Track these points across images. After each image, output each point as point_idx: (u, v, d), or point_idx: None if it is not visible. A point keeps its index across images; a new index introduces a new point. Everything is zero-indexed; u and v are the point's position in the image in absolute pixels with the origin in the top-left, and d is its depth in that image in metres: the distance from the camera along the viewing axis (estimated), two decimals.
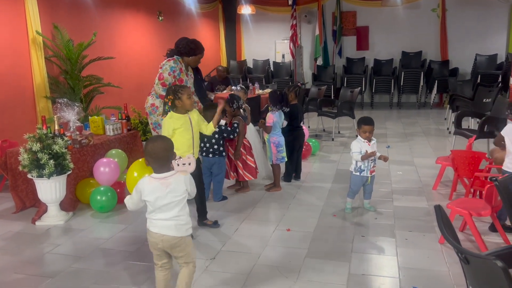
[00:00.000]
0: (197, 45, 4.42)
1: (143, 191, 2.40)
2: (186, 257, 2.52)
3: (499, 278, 1.47)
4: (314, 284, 2.89)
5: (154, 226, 2.45)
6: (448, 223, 1.87)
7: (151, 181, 2.40)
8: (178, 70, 4.36)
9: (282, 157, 4.81)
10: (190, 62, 4.46)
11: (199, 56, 4.46)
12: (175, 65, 4.34)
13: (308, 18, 11.66)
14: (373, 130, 3.99)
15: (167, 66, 4.32)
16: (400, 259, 3.19)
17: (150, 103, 4.47)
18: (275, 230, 3.78)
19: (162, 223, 2.43)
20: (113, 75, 6.95)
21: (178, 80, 4.35)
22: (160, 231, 2.43)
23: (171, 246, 2.46)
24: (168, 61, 4.36)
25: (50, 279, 3.02)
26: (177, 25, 9.54)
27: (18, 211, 4.30)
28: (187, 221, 2.48)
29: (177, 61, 4.37)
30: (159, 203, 2.39)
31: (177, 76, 4.35)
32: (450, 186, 4.57)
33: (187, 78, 4.48)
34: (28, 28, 5.57)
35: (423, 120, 9.16)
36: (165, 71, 4.31)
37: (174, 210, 2.42)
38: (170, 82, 4.30)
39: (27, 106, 5.63)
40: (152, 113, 4.46)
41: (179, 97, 3.41)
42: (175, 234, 2.43)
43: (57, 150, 3.85)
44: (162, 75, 4.31)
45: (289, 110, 4.89)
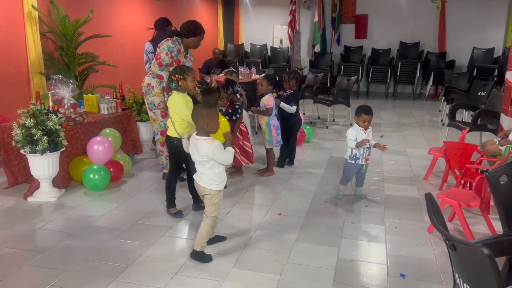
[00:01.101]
0: (196, 26, 4.35)
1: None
2: (207, 210, 2.98)
3: (485, 266, 1.50)
4: (303, 267, 2.93)
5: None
6: (438, 211, 1.90)
7: (191, 140, 2.93)
8: (176, 50, 4.31)
9: (279, 140, 4.84)
10: (190, 43, 4.38)
11: (199, 38, 4.37)
12: (173, 46, 4.28)
13: (307, 4, 11.56)
14: (371, 119, 4.00)
15: (165, 46, 4.27)
16: (388, 246, 3.24)
17: (146, 83, 4.43)
18: (266, 214, 3.82)
19: (197, 174, 2.97)
20: (109, 54, 6.89)
21: (176, 61, 4.30)
22: (195, 179, 2.97)
23: (201, 192, 2.99)
24: (166, 41, 4.31)
25: (41, 254, 3.04)
26: (175, 6, 9.44)
27: (10, 186, 4.29)
28: (213, 178, 2.89)
29: (175, 42, 4.32)
30: (192, 158, 2.92)
31: (174, 57, 4.30)
32: (441, 177, 4.62)
33: (185, 60, 4.43)
34: (24, 2, 5.47)
35: (418, 111, 9.19)
36: (162, 51, 4.26)
37: (200, 167, 2.91)
38: (167, 62, 4.26)
39: (21, 82, 5.57)
40: (148, 93, 4.42)
41: (185, 77, 3.49)
42: (200, 183, 2.94)
43: (50, 127, 3.83)
44: (159, 55, 4.27)
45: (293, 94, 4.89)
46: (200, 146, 2.82)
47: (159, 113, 4.44)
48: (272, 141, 4.77)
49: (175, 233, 3.43)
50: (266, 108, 4.70)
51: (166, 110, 4.39)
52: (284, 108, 4.86)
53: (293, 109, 4.88)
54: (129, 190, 4.37)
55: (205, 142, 2.82)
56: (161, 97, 4.39)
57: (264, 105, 4.72)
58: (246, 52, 11.66)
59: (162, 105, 4.40)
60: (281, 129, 4.95)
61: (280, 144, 4.91)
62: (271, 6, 11.88)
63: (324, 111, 8.10)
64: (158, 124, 4.48)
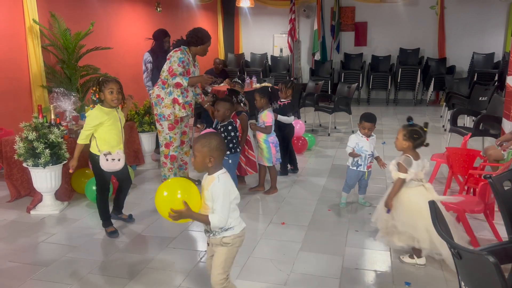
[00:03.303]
0: (204, 33, 4.36)
1: (231, 190, 2.23)
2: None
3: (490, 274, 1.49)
4: (307, 277, 2.91)
5: (242, 222, 2.34)
6: (442, 218, 1.89)
7: (226, 177, 2.23)
8: (186, 60, 4.30)
9: (279, 157, 4.62)
10: (199, 51, 4.38)
11: (207, 45, 4.37)
12: (183, 56, 4.27)
13: (307, 13, 11.63)
14: (374, 127, 3.99)
15: (176, 58, 4.24)
16: (393, 254, 3.22)
17: (156, 94, 4.38)
18: (269, 223, 3.80)
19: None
20: (110, 66, 6.92)
21: (186, 71, 4.30)
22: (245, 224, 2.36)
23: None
24: (175, 52, 4.28)
25: (44, 268, 3.03)
26: (175, 17, 9.50)
27: (12, 199, 4.29)
28: None
29: (184, 52, 4.30)
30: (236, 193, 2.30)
31: (186, 66, 4.29)
32: (444, 183, 4.60)
33: (194, 69, 4.44)
34: (25, 17, 5.52)
35: (419, 117, 9.17)
36: (174, 63, 4.23)
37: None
38: (181, 72, 4.24)
39: (23, 95, 5.59)
40: (157, 104, 4.37)
41: (102, 89, 3.33)
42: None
43: (53, 140, 3.84)
44: (171, 68, 4.23)
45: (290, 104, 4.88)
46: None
47: (166, 125, 4.39)
48: (271, 159, 4.49)
49: (179, 244, 3.41)
50: (265, 125, 4.46)
51: (174, 122, 4.39)
52: (282, 121, 4.83)
53: (291, 120, 4.89)
54: (131, 201, 4.36)
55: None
56: (171, 108, 4.32)
57: (263, 122, 4.47)
58: (246, 62, 11.71)
59: (172, 117, 4.35)
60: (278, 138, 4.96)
61: (280, 162, 4.74)
62: (271, 15, 11.95)
63: (325, 118, 8.10)
64: (163, 136, 4.46)
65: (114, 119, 3.42)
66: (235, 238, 2.29)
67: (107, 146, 3.41)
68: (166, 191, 2.18)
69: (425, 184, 3.09)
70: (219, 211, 2.16)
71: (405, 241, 2.98)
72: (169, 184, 2.27)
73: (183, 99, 4.35)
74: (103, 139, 3.40)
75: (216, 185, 2.18)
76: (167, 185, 2.23)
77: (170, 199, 2.14)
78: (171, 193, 2.17)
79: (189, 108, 4.45)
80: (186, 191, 2.17)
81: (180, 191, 2.16)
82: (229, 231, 2.27)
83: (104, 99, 3.35)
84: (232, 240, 2.29)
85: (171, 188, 2.21)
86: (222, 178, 2.21)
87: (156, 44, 5.71)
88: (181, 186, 2.21)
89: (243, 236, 2.35)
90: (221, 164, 2.27)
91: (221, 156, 2.24)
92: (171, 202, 2.13)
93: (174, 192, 2.17)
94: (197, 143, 2.22)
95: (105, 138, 3.40)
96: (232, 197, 2.23)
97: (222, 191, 2.17)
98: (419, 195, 2.99)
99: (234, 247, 2.31)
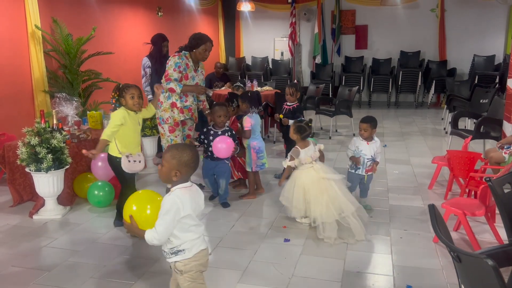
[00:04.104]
0: (199, 36, 4.36)
1: (183, 207, 2.04)
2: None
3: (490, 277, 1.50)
4: (309, 280, 2.91)
5: (202, 243, 2.18)
6: (442, 222, 1.90)
7: (185, 192, 2.09)
8: (184, 65, 4.32)
9: (262, 163, 4.45)
10: (197, 55, 4.38)
11: (203, 48, 4.34)
12: (180, 61, 4.29)
13: (307, 16, 11.66)
14: (370, 128, 3.96)
15: (172, 63, 4.29)
16: (394, 257, 3.23)
17: None
18: (271, 227, 3.81)
19: (202, 237, 2.20)
20: (112, 70, 6.95)
21: (184, 76, 4.33)
22: (205, 244, 2.22)
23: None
24: (173, 57, 4.33)
25: (47, 273, 3.04)
26: (176, 21, 9.54)
27: (15, 204, 4.31)
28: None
29: (183, 57, 4.33)
30: (198, 211, 2.15)
31: (183, 71, 4.31)
32: (445, 185, 4.61)
33: (195, 74, 4.45)
34: (27, 22, 5.56)
35: (420, 120, 9.19)
36: (170, 67, 4.28)
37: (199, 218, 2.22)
38: (177, 77, 4.26)
39: (25, 100, 5.62)
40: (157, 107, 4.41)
41: (123, 95, 3.49)
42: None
43: (55, 145, 3.86)
44: (167, 72, 4.28)
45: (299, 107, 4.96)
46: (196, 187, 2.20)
47: (166, 128, 4.44)
48: (251, 164, 4.39)
49: None
50: (244, 130, 4.38)
51: (174, 125, 4.41)
52: None
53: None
54: None
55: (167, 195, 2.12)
56: (170, 112, 4.38)
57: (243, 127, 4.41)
58: (247, 65, 11.74)
59: (171, 120, 4.40)
60: (286, 142, 4.99)
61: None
62: (272, 19, 11.98)
63: (326, 122, 8.11)
64: (165, 139, 4.49)
65: (134, 122, 3.57)
66: (189, 263, 2.12)
67: (127, 148, 3.54)
68: (135, 205, 2.16)
69: (314, 166, 3.76)
70: (156, 225, 2.02)
71: (296, 213, 3.77)
72: (139, 196, 2.26)
73: (181, 104, 4.39)
74: (124, 141, 3.53)
75: (166, 198, 2.06)
76: (137, 198, 2.23)
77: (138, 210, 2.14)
78: (139, 205, 2.16)
79: (188, 113, 4.47)
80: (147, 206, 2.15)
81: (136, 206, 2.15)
82: (180, 255, 2.11)
83: (126, 104, 3.52)
84: (185, 267, 2.12)
85: (139, 200, 2.20)
86: (178, 193, 2.06)
87: (155, 49, 5.75)
88: (145, 200, 2.20)
89: (200, 261, 2.16)
90: (187, 180, 2.13)
91: (189, 173, 2.11)
92: (134, 213, 2.13)
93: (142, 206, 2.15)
94: (168, 152, 2.10)
95: (126, 140, 3.54)
96: (182, 215, 2.03)
97: (169, 205, 2.02)
98: (307, 175, 3.70)
99: (191, 273, 2.13)
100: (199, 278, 2.19)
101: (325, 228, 3.51)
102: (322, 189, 3.62)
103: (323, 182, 3.65)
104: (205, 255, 2.19)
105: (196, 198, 2.14)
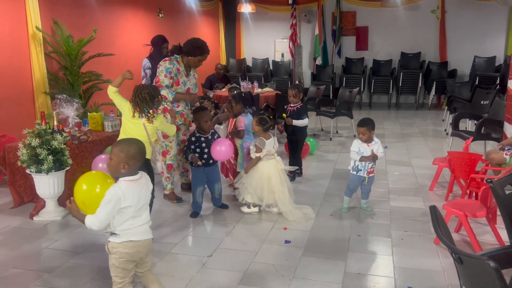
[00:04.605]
0: (201, 45, 4.20)
1: (123, 198, 2.19)
2: (151, 260, 2.51)
3: (491, 278, 1.50)
4: (309, 282, 2.91)
5: (134, 234, 2.30)
6: (443, 223, 1.90)
7: (129, 184, 2.24)
8: (175, 70, 4.19)
9: None
10: (190, 62, 4.26)
11: (199, 58, 4.23)
12: (171, 66, 4.16)
13: (308, 18, 11.67)
14: (368, 131, 3.94)
15: (163, 68, 4.16)
16: (395, 258, 3.22)
17: None
18: (272, 228, 3.81)
19: (142, 228, 2.33)
20: (113, 72, 6.93)
21: (175, 82, 4.21)
22: (142, 237, 2.33)
23: (149, 250, 2.41)
24: (164, 62, 4.20)
25: (47, 274, 3.04)
26: (177, 23, 9.55)
27: (16, 206, 4.31)
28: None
29: (174, 61, 4.20)
30: (139, 205, 2.28)
31: (174, 77, 4.18)
32: (446, 187, 4.60)
33: (186, 80, 4.31)
34: (28, 24, 5.57)
35: (421, 121, 9.19)
36: (160, 73, 4.15)
37: (146, 211, 2.36)
38: (167, 84, 4.15)
39: (26, 102, 5.63)
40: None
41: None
42: (151, 236, 2.41)
43: (56, 146, 3.86)
44: (158, 78, 4.15)
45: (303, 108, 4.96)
46: (145, 180, 2.37)
47: (160, 134, 4.40)
48: (244, 165, 4.40)
49: (181, 250, 3.42)
50: (237, 130, 4.44)
51: None
52: (298, 125, 4.89)
53: (306, 122, 4.95)
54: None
55: (145, 174, 2.37)
56: None
57: (237, 127, 4.47)
58: (248, 67, 11.74)
59: None
60: (289, 143, 4.98)
61: None
62: (272, 20, 11.99)
63: (327, 123, 8.11)
64: (160, 145, 4.46)
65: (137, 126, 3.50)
66: (116, 247, 2.27)
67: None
68: (85, 184, 2.32)
69: (276, 158, 4.08)
70: (97, 213, 2.19)
71: (253, 199, 4.03)
72: (90, 176, 2.40)
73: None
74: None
75: (110, 188, 2.21)
76: (88, 178, 2.38)
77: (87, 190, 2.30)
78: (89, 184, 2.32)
79: (180, 118, 4.38)
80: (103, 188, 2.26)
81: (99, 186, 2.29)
82: (113, 237, 2.28)
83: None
84: (112, 249, 2.28)
85: (90, 181, 2.35)
86: (122, 185, 2.21)
87: (155, 50, 5.75)
88: (101, 182, 2.32)
89: (127, 250, 2.28)
90: (134, 172, 2.28)
91: (136, 165, 2.27)
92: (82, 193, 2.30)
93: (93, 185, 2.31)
94: (116, 146, 2.27)
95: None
96: (122, 206, 2.20)
97: (111, 196, 2.17)
98: (270, 166, 4.01)
99: (116, 257, 2.28)
100: (126, 267, 2.33)
101: (293, 213, 3.96)
102: (282, 179, 4.03)
103: (282, 173, 4.07)
104: (134, 246, 2.31)
105: (142, 190, 2.30)
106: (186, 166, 4.76)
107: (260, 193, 4.00)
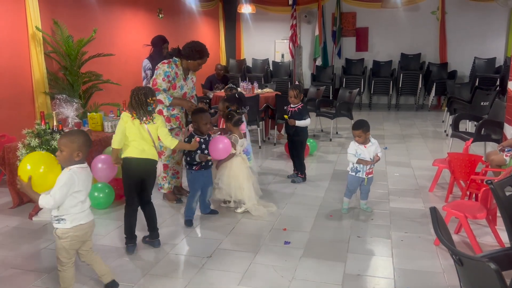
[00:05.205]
0: (201, 48, 4.13)
1: (76, 182, 2.44)
2: (92, 239, 2.73)
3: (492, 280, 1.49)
4: (309, 283, 2.90)
5: (83, 218, 2.56)
6: (443, 225, 1.89)
7: (81, 171, 2.49)
8: (173, 74, 4.11)
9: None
10: (190, 66, 4.18)
11: (199, 62, 4.16)
12: (170, 69, 4.08)
13: (308, 18, 11.67)
14: (363, 133, 3.93)
15: (161, 71, 4.07)
16: (395, 260, 3.21)
17: None
18: (271, 229, 3.80)
19: (87, 211, 2.60)
20: (112, 72, 6.95)
21: (172, 85, 4.14)
22: (88, 219, 2.60)
23: (92, 231, 2.67)
24: (162, 64, 4.11)
25: (46, 275, 3.03)
26: (177, 23, 9.55)
27: (15, 206, 4.31)
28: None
29: (172, 65, 4.12)
30: (88, 190, 2.56)
31: (172, 81, 4.11)
32: (446, 188, 4.59)
33: (184, 83, 4.24)
34: (28, 24, 5.56)
35: (421, 122, 9.18)
36: (158, 76, 4.06)
37: (87, 196, 2.61)
38: (165, 87, 4.07)
39: (25, 102, 5.62)
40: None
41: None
42: (93, 217, 2.66)
43: (55, 146, 3.85)
44: (155, 81, 4.05)
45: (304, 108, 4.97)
46: (88, 168, 2.62)
47: None
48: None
49: (181, 251, 3.41)
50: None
51: None
52: (301, 125, 4.88)
53: (308, 122, 4.96)
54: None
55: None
56: None
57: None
58: (248, 67, 11.74)
59: None
60: (291, 144, 4.98)
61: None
62: (272, 21, 11.99)
63: (327, 124, 8.11)
64: None
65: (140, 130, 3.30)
66: (66, 233, 2.49)
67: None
68: (29, 164, 2.46)
69: (242, 156, 4.15)
70: (51, 193, 2.37)
71: (223, 195, 4.14)
72: (37, 156, 2.58)
73: (168, 112, 4.22)
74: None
75: (63, 173, 2.42)
76: (34, 157, 2.55)
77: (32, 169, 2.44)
78: (34, 164, 2.46)
79: (175, 122, 4.31)
80: (48, 168, 2.46)
81: (43, 166, 2.46)
82: (61, 224, 2.48)
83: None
84: (62, 235, 2.50)
85: (37, 160, 2.50)
86: (76, 170, 2.45)
87: (155, 51, 5.74)
88: (46, 162, 2.49)
89: (78, 233, 2.53)
90: (84, 161, 2.52)
91: (85, 153, 2.51)
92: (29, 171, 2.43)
93: (37, 165, 2.46)
94: (64, 138, 2.47)
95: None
96: (75, 190, 2.43)
97: (65, 179, 2.40)
98: (238, 164, 4.07)
99: (67, 241, 2.51)
100: (75, 247, 2.58)
101: (257, 209, 4.09)
102: (247, 176, 4.12)
103: (248, 169, 4.17)
104: (83, 228, 2.56)
105: (89, 178, 2.57)
106: (176, 168, 4.67)
107: (229, 190, 4.08)
